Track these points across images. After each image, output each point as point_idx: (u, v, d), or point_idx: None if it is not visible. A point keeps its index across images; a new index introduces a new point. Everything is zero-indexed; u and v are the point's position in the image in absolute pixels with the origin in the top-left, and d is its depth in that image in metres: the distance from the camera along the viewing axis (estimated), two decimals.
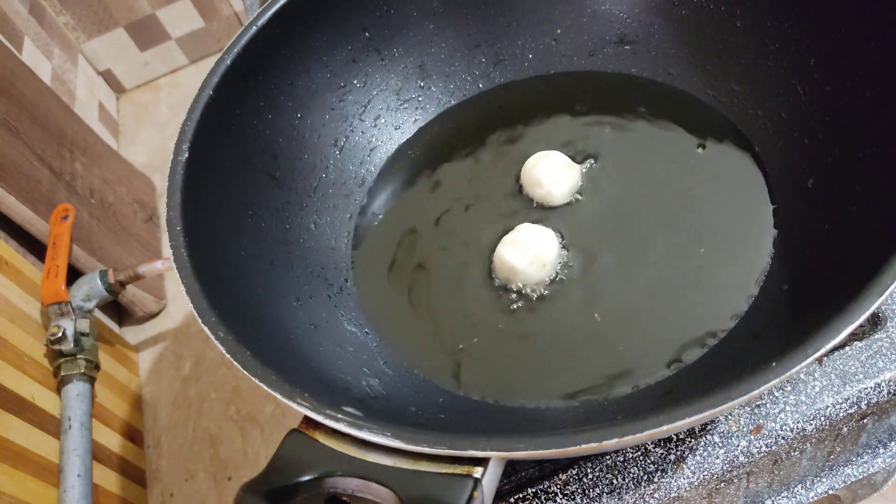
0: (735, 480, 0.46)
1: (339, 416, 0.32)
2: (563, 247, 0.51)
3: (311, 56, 0.56)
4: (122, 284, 0.88)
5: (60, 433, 0.77)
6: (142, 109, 1.40)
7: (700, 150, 0.53)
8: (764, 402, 0.43)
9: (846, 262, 0.39)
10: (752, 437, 0.42)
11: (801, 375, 0.43)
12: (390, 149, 0.61)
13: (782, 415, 0.42)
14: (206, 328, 0.36)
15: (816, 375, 0.43)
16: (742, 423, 0.42)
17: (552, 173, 0.53)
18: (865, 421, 0.46)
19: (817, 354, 0.28)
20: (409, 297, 0.52)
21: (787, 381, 0.43)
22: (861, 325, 0.29)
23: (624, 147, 0.55)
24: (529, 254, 0.49)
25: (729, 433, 0.42)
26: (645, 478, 0.42)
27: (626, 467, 0.42)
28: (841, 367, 0.43)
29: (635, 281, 0.48)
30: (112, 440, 0.88)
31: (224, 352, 0.35)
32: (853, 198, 0.42)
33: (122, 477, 0.87)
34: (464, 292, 0.51)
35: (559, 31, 0.62)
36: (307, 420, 0.33)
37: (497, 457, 0.31)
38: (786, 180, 0.48)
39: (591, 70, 0.61)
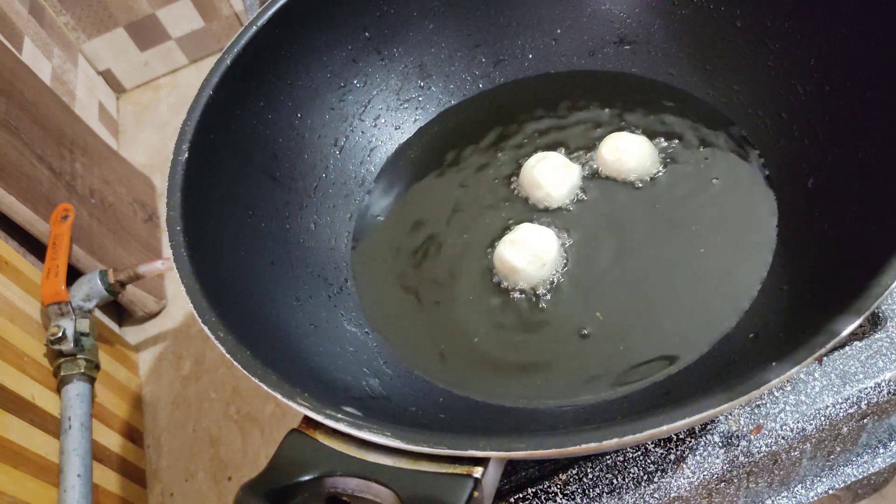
0: (735, 480, 0.46)
1: (339, 416, 0.32)
2: (563, 246, 0.51)
3: (311, 56, 0.56)
4: (122, 284, 0.88)
5: (60, 433, 0.77)
6: (142, 109, 1.40)
7: (700, 150, 0.53)
8: (764, 402, 0.43)
9: (846, 262, 0.39)
10: (752, 437, 0.42)
11: (801, 375, 0.43)
12: (390, 149, 0.61)
13: (782, 415, 0.42)
14: (206, 328, 0.36)
15: (816, 375, 0.43)
16: (742, 423, 0.42)
17: (551, 174, 0.53)
18: (865, 421, 0.46)
19: (817, 354, 0.28)
20: (409, 297, 0.52)
21: (787, 381, 0.43)
22: (861, 325, 0.30)
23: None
24: (529, 253, 0.49)
25: (729, 433, 0.42)
26: (645, 478, 0.42)
27: (626, 467, 0.42)
28: (841, 367, 0.43)
29: (635, 281, 0.48)
30: (112, 440, 0.88)
31: (224, 352, 0.35)
32: (853, 198, 0.42)
33: (122, 477, 0.87)
34: (464, 292, 0.51)
35: (559, 31, 0.62)
36: (307, 420, 0.33)
37: (497, 457, 0.31)
38: (786, 180, 0.48)
39: (591, 70, 0.61)
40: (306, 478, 0.32)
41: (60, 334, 0.79)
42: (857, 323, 0.29)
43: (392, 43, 0.60)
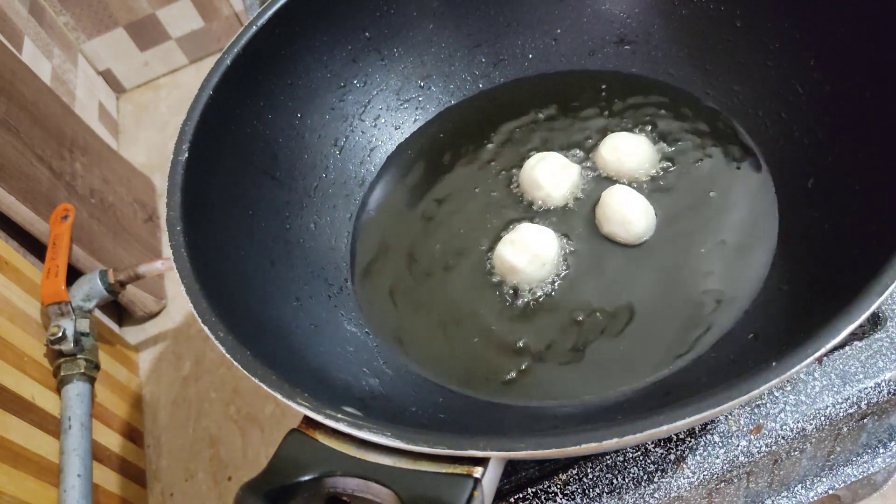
0: (735, 480, 0.46)
1: (339, 416, 0.32)
2: (563, 246, 0.51)
3: (311, 56, 0.56)
4: (122, 284, 0.88)
5: (60, 433, 0.77)
6: (142, 109, 1.40)
7: (700, 150, 0.53)
8: (764, 402, 0.43)
9: (846, 262, 0.39)
10: (752, 437, 0.42)
11: (801, 375, 0.43)
12: (390, 149, 0.61)
13: (782, 415, 0.42)
14: (206, 328, 0.36)
15: (816, 375, 0.43)
16: (742, 423, 0.42)
17: (551, 174, 0.53)
18: (865, 421, 0.46)
19: (817, 354, 0.28)
20: (409, 297, 0.52)
21: (787, 381, 0.43)
22: (861, 325, 0.29)
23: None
24: (529, 253, 0.49)
25: (729, 433, 0.42)
26: (645, 478, 0.42)
27: (626, 467, 0.42)
28: (841, 367, 0.43)
29: (635, 280, 0.48)
30: (112, 440, 0.88)
31: (224, 352, 0.35)
32: (853, 198, 0.42)
33: (122, 477, 0.87)
34: (464, 292, 0.51)
35: (559, 30, 0.62)
36: (307, 420, 0.33)
37: (497, 457, 0.31)
38: (786, 180, 0.48)
39: (591, 70, 0.61)
40: (306, 478, 0.32)
41: (60, 334, 0.79)
42: (857, 323, 0.29)
43: (392, 43, 0.60)
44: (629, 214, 0.48)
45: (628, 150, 0.53)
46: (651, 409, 0.28)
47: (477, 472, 0.30)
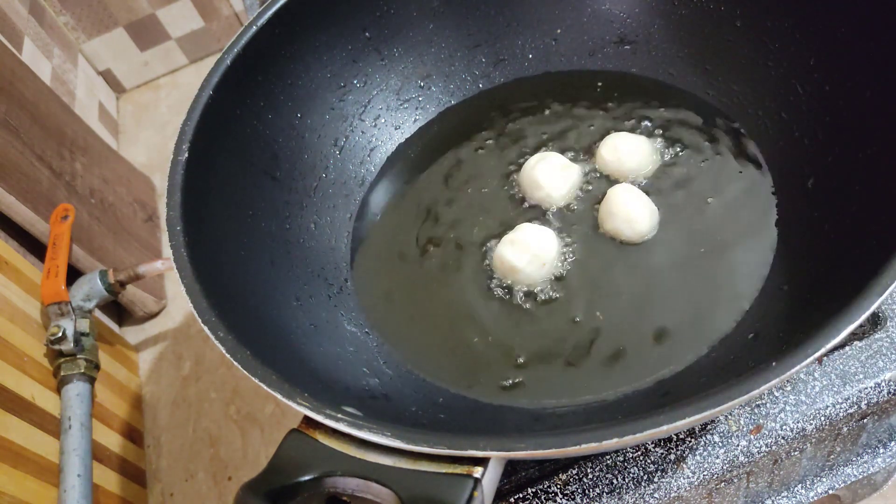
0: (735, 480, 0.46)
1: (339, 416, 0.32)
2: (563, 247, 0.51)
3: (311, 56, 0.56)
4: (122, 284, 0.88)
5: (60, 433, 0.77)
6: (142, 109, 1.40)
7: (700, 150, 0.53)
8: (764, 402, 0.43)
9: (846, 262, 0.39)
10: (752, 437, 0.42)
11: (801, 375, 0.43)
12: (390, 149, 0.61)
13: (782, 415, 0.42)
14: (206, 328, 0.36)
15: (816, 375, 0.43)
16: (742, 423, 0.42)
17: (551, 175, 0.53)
18: (865, 421, 0.46)
19: (817, 354, 0.28)
20: (409, 297, 0.52)
21: (787, 381, 0.43)
22: (861, 325, 0.29)
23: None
24: (529, 253, 0.49)
25: (729, 433, 0.42)
26: (645, 478, 0.42)
27: (626, 467, 0.42)
28: (841, 367, 0.43)
29: (635, 280, 0.48)
30: (112, 440, 0.88)
31: (224, 352, 0.35)
32: (853, 198, 0.42)
33: (122, 477, 0.87)
34: (464, 292, 0.51)
35: (559, 30, 0.62)
36: (307, 420, 0.33)
37: (497, 457, 0.31)
38: (786, 180, 0.48)
39: (591, 70, 0.61)
40: (306, 478, 0.32)
41: (60, 334, 0.79)
42: (857, 323, 0.29)
43: (392, 43, 0.60)
44: (634, 212, 0.48)
45: (628, 150, 0.53)
46: (651, 409, 0.28)
47: (477, 472, 0.30)
